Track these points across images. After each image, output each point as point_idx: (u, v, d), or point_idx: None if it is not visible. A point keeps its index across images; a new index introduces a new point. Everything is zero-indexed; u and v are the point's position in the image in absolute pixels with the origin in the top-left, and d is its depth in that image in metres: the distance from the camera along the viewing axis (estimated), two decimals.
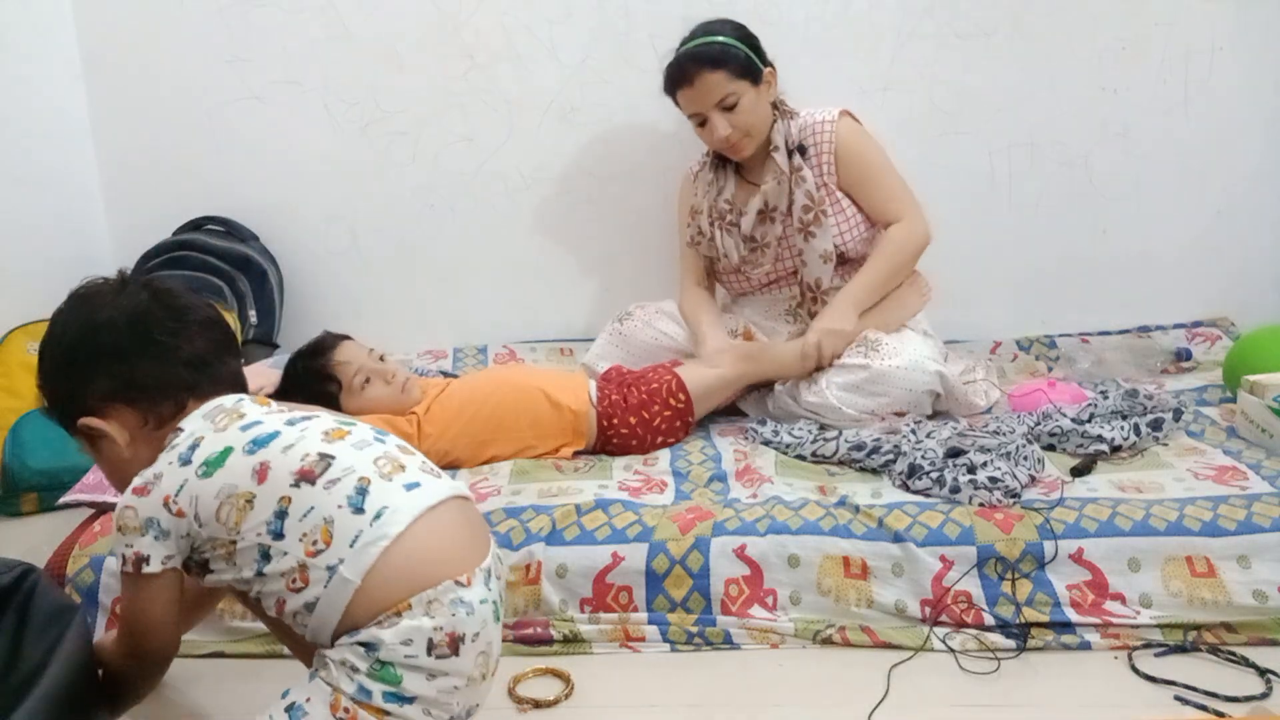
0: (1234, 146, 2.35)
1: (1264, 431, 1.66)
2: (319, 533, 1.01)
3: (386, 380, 1.81)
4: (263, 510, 1.02)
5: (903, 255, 1.98)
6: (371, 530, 1.01)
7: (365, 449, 1.08)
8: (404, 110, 2.40)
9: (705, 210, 2.07)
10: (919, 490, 1.56)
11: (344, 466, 1.05)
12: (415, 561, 1.01)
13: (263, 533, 1.02)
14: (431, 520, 1.04)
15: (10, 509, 1.96)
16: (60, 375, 1.13)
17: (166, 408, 1.12)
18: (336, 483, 1.04)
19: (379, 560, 1.00)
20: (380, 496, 1.04)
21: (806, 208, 1.97)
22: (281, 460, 1.05)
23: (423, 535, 1.03)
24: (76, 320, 1.14)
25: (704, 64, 1.90)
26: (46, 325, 1.17)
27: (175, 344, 1.12)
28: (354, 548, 1.00)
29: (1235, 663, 1.28)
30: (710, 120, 1.93)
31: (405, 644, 0.98)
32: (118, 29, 2.37)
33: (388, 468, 1.07)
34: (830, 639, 1.38)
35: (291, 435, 1.07)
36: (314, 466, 1.04)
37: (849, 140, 1.98)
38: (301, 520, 1.02)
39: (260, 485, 1.03)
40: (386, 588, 1.00)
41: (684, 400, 1.86)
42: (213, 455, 1.05)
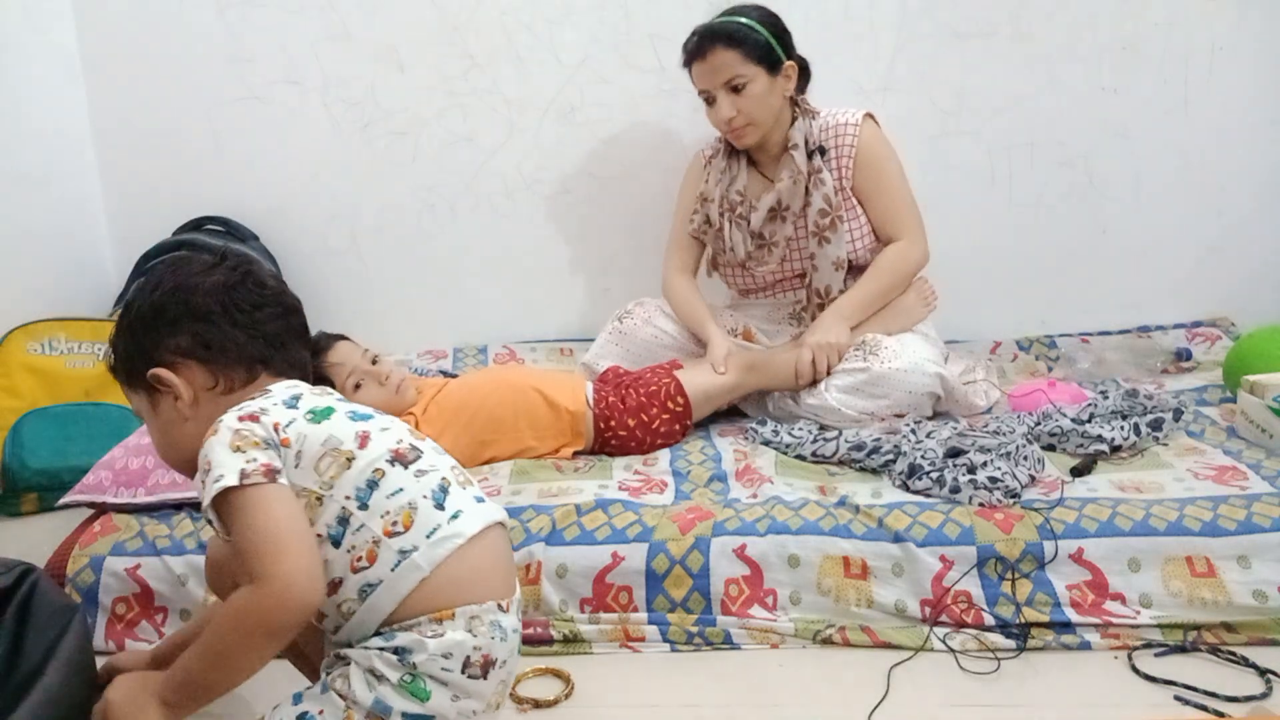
0: (1234, 146, 2.35)
1: (1264, 431, 1.66)
2: (401, 515, 1.02)
3: (380, 382, 1.81)
4: (358, 474, 1.03)
5: (895, 274, 1.97)
6: (448, 527, 1.03)
7: (442, 455, 1.12)
8: (404, 110, 2.40)
9: (716, 199, 2.06)
10: (919, 490, 1.56)
11: (430, 463, 1.07)
12: (472, 572, 1.03)
13: (350, 496, 1.02)
14: (490, 537, 1.06)
15: (10, 509, 1.96)
16: (141, 327, 1.12)
17: (239, 374, 1.11)
18: (425, 474, 1.06)
19: (450, 558, 1.01)
20: (457, 500, 1.06)
21: (823, 212, 1.96)
22: (380, 437, 1.07)
23: (483, 549, 1.04)
24: (170, 281, 1.13)
25: (720, 40, 1.89)
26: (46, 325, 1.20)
27: (259, 318, 1.13)
28: (430, 539, 1.01)
29: (1235, 663, 1.28)
30: (717, 100, 1.93)
31: (445, 656, 0.98)
32: (118, 29, 2.37)
33: (461, 478, 1.10)
34: (830, 639, 1.38)
35: (385, 420, 1.10)
36: (407, 452, 1.07)
37: (870, 145, 1.97)
38: (389, 498, 1.02)
39: (361, 450, 1.04)
40: (442, 590, 1.01)
41: (683, 404, 1.86)
42: (319, 407, 1.07)
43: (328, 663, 1.04)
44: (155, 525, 1.54)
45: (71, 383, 2.08)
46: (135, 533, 1.52)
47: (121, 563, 1.47)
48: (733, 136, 1.98)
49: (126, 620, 1.45)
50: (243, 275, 1.15)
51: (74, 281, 2.35)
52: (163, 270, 1.16)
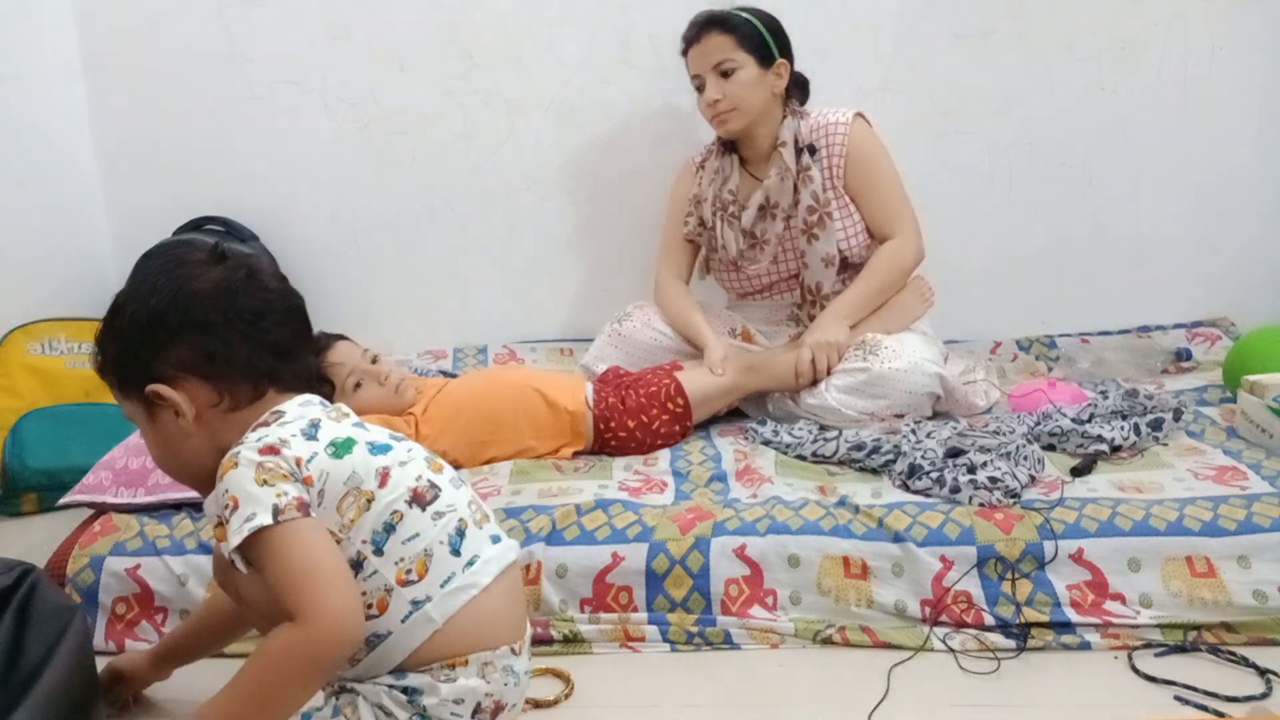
0: (1234, 147, 2.35)
1: (1264, 431, 1.66)
2: (416, 562, 0.99)
3: (379, 382, 1.81)
4: (376, 517, 0.99)
5: (891, 273, 1.98)
6: (463, 576, 1.01)
7: (460, 488, 1.09)
8: (404, 110, 2.40)
9: (709, 199, 2.07)
10: (919, 490, 1.56)
11: (448, 502, 1.04)
12: (487, 618, 1.01)
13: (367, 540, 0.98)
14: (505, 579, 1.05)
15: (10, 509, 1.96)
16: (138, 336, 1.05)
17: (245, 390, 1.04)
18: (442, 516, 1.03)
19: (463, 609, 1.00)
20: (474, 544, 1.04)
21: (811, 209, 1.96)
22: (399, 474, 1.02)
23: (498, 594, 1.03)
24: (169, 285, 1.04)
25: (715, 25, 1.95)
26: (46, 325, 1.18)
27: (264, 326, 1.05)
28: (445, 588, 0.99)
29: (1235, 663, 1.28)
30: (705, 83, 1.95)
31: (457, 703, 0.98)
32: (118, 29, 2.37)
33: (478, 514, 1.07)
34: (830, 639, 1.38)
35: (402, 452, 1.05)
36: (426, 491, 1.03)
37: (861, 144, 1.98)
38: (405, 543, 0.99)
39: (381, 489, 1.00)
40: (456, 638, 0.99)
41: (683, 405, 1.86)
42: (340, 439, 1.01)
43: (332, 690, 1.02)
44: (155, 525, 1.54)
45: (71, 383, 2.08)
46: (135, 533, 1.52)
47: (121, 563, 1.47)
48: (717, 122, 1.99)
49: (126, 620, 1.45)
50: (245, 277, 1.06)
51: (74, 281, 2.35)
52: (157, 269, 1.07)
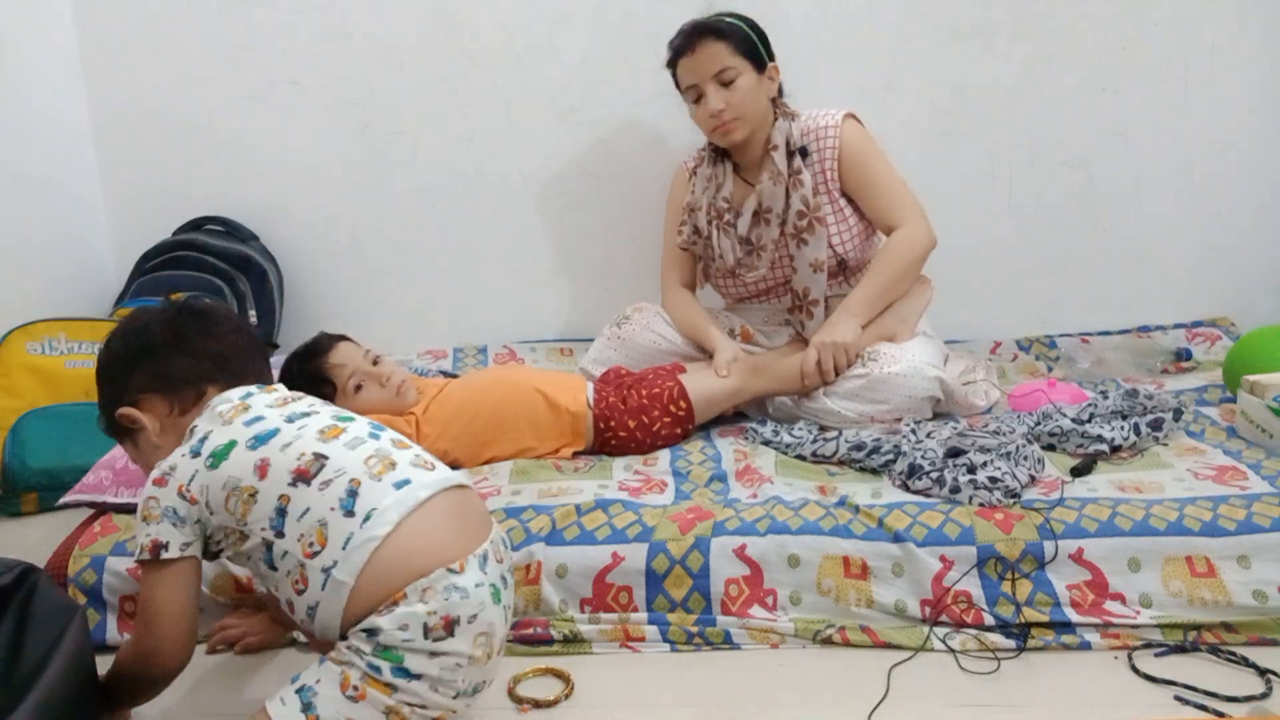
0: (1234, 146, 2.35)
1: (1264, 431, 1.66)
2: (314, 534, 1.08)
3: (380, 383, 1.80)
4: (265, 506, 1.10)
5: (905, 261, 1.93)
6: (361, 532, 1.07)
7: (358, 448, 1.15)
8: (404, 110, 2.40)
9: (704, 207, 2.06)
10: (919, 490, 1.56)
11: (336, 468, 1.11)
12: (406, 555, 1.07)
13: (266, 528, 1.10)
14: (420, 516, 1.10)
15: (10, 509, 1.96)
16: (105, 378, 1.26)
17: (189, 394, 1.23)
18: (329, 484, 1.10)
19: (370, 560, 1.06)
20: (369, 498, 1.10)
21: (801, 213, 1.95)
22: (280, 458, 1.12)
23: (410, 531, 1.09)
24: (121, 331, 1.28)
25: (708, 33, 1.91)
26: (46, 325, 1.28)
27: (201, 341, 1.25)
28: (345, 550, 1.07)
29: (1235, 663, 1.28)
30: (706, 93, 1.92)
31: (402, 629, 1.04)
32: (118, 29, 2.37)
33: (378, 467, 1.13)
34: (830, 639, 1.38)
35: (290, 433, 1.15)
36: (309, 466, 1.11)
37: (852, 143, 1.96)
38: (299, 520, 1.09)
39: (261, 481, 1.11)
40: (380, 583, 1.06)
41: (685, 408, 1.85)
42: (218, 448, 1.13)
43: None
44: None
45: (71, 383, 2.08)
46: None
47: (123, 563, 1.46)
48: (720, 133, 1.96)
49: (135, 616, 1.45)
50: (183, 308, 1.29)
51: (74, 281, 2.35)
52: (116, 327, 1.30)
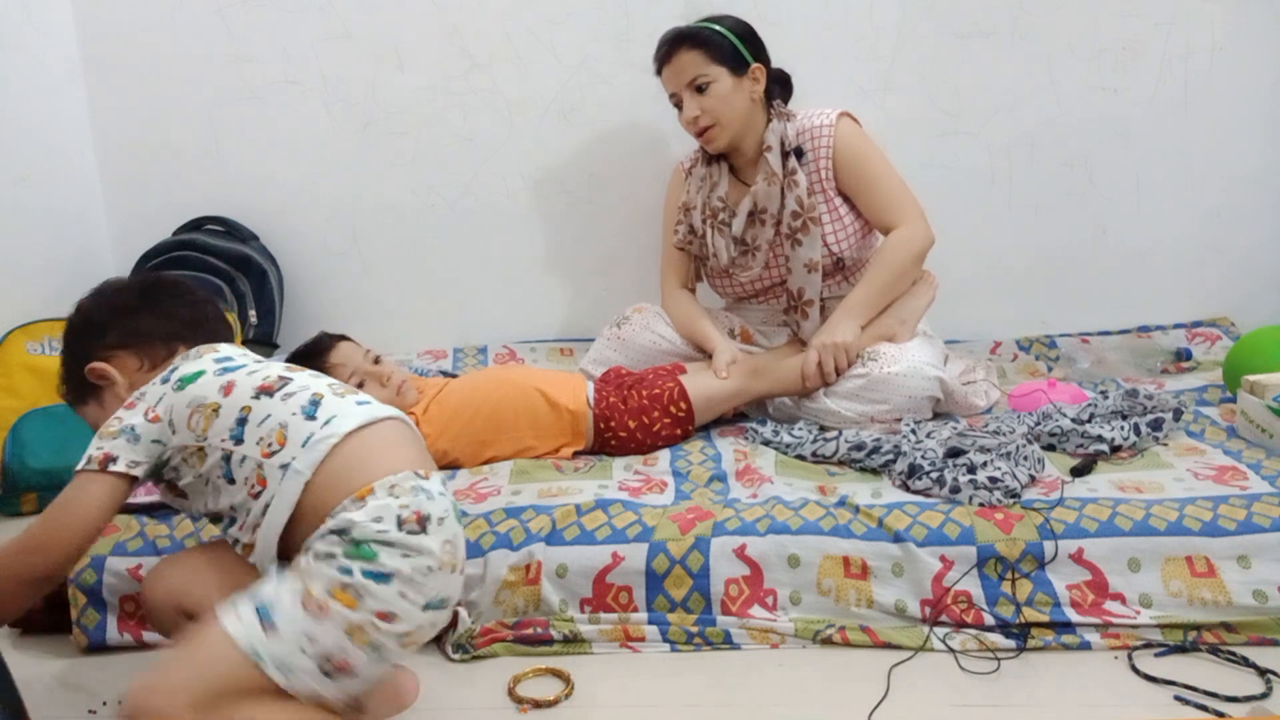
0: (1234, 146, 2.35)
1: (1264, 431, 1.66)
2: (274, 436, 1.12)
3: (381, 383, 1.81)
4: (226, 418, 1.14)
5: (903, 261, 1.93)
6: (322, 431, 1.11)
7: (320, 378, 1.22)
8: (404, 110, 2.40)
9: (699, 206, 2.06)
10: (919, 490, 1.56)
11: (300, 384, 1.18)
12: (368, 453, 1.12)
13: (225, 438, 1.13)
14: (382, 429, 1.16)
15: (10, 509, 1.96)
16: (74, 339, 1.28)
17: (159, 350, 1.27)
18: (293, 396, 1.15)
19: (330, 455, 1.10)
20: (332, 407, 1.15)
21: (795, 214, 1.95)
22: (246, 379, 1.17)
23: (373, 438, 1.14)
24: (95, 293, 1.31)
25: (684, 42, 1.93)
26: (46, 325, 1.29)
27: (174, 306, 1.30)
28: (305, 446, 1.11)
29: (1235, 663, 1.28)
30: (685, 101, 1.94)
31: (376, 520, 1.05)
32: (118, 29, 2.37)
33: (340, 390, 1.19)
34: (830, 639, 1.38)
35: (256, 366, 1.21)
36: (273, 383, 1.17)
37: (848, 142, 1.96)
38: (259, 426, 1.13)
39: (225, 398, 1.15)
40: (339, 478, 1.09)
41: (685, 410, 1.85)
42: (187, 374, 1.18)
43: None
44: (156, 525, 1.54)
45: None
46: (135, 533, 1.52)
47: (123, 563, 1.46)
48: (702, 140, 1.98)
49: (137, 616, 1.45)
50: (156, 278, 1.35)
51: (74, 281, 2.31)
52: (87, 296, 1.32)
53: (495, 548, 1.45)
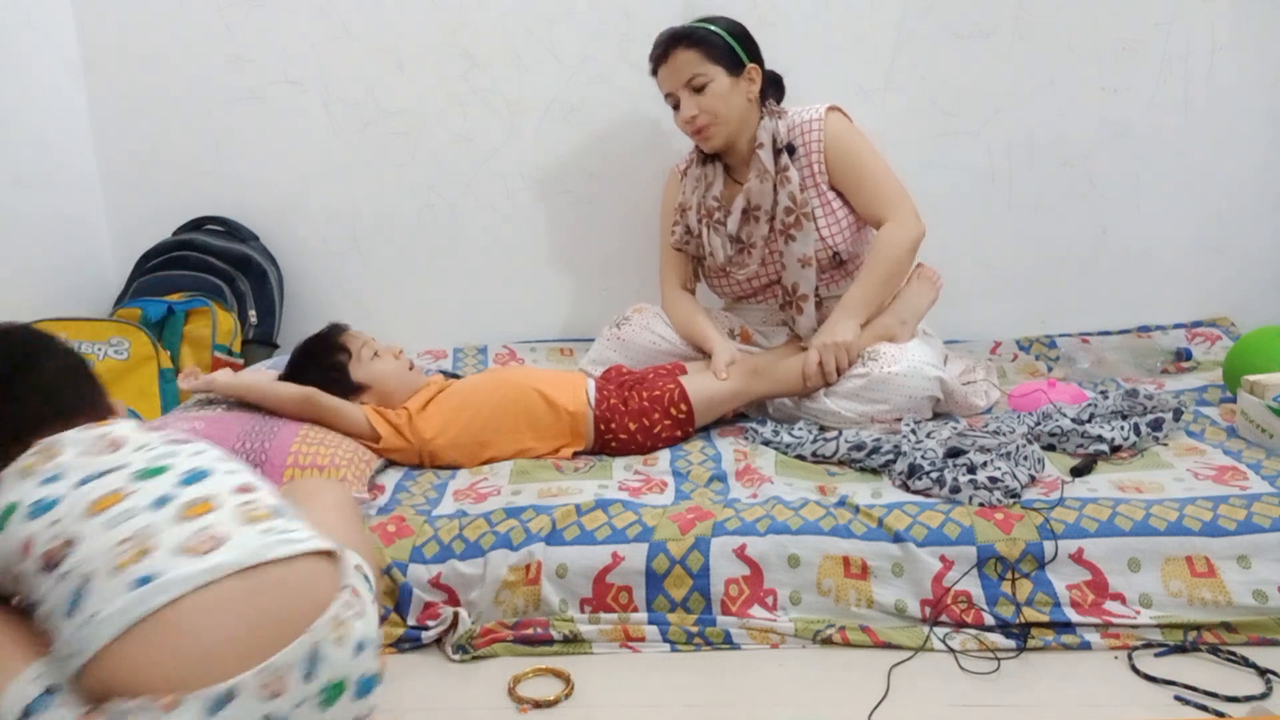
0: (1234, 146, 2.35)
1: (1264, 431, 1.66)
2: (48, 628, 0.97)
3: (395, 356, 1.87)
4: (22, 587, 1.00)
5: (897, 255, 1.92)
6: (77, 636, 0.93)
7: (120, 525, 0.98)
8: (404, 110, 2.40)
9: (694, 207, 2.06)
10: (919, 490, 1.56)
11: (80, 556, 0.96)
12: (112, 673, 0.91)
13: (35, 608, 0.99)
14: (150, 629, 0.91)
15: None
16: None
17: (14, 448, 1.08)
18: (66, 577, 0.95)
19: (81, 675, 0.92)
20: (97, 599, 0.93)
21: (789, 210, 1.95)
22: (41, 537, 0.99)
23: (134, 643, 0.91)
24: None
25: (680, 42, 1.93)
26: (46, 325, 1.19)
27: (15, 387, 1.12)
28: (62, 659, 0.94)
29: (1235, 663, 1.28)
30: (680, 100, 1.94)
31: None
32: (118, 29, 2.37)
33: (126, 554, 0.95)
34: (830, 639, 1.38)
35: (63, 508, 1.01)
36: (58, 551, 0.97)
37: (837, 136, 1.96)
38: (39, 610, 0.98)
39: (21, 564, 0.99)
40: (90, 697, 0.92)
41: (686, 411, 1.85)
42: (4, 509, 1.02)
43: None
44: None
45: None
46: None
47: None
48: (699, 138, 1.99)
49: None
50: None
51: (74, 281, 2.35)
52: None
53: (495, 548, 1.45)
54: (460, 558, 1.45)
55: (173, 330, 2.18)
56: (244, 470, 1.11)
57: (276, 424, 1.71)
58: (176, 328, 2.19)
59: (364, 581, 1.07)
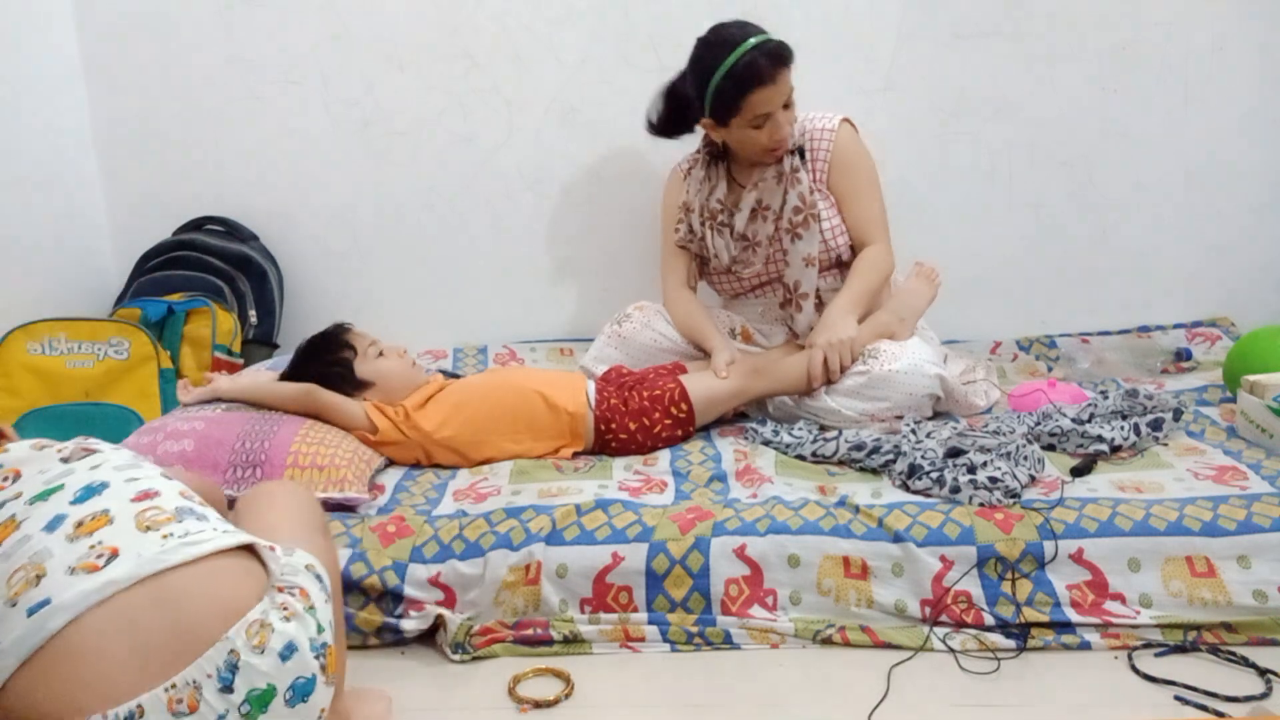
0: (1234, 146, 2.35)
1: (1264, 431, 1.66)
2: None
3: (399, 354, 1.88)
4: None
5: (879, 277, 1.98)
6: None
7: (13, 556, 0.93)
8: (404, 110, 2.40)
9: (697, 209, 2.06)
10: (919, 490, 1.56)
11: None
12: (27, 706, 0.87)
13: None
14: (50, 655, 0.87)
15: None
16: None
17: None
18: None
19: None
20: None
21: (797, 209, 1.96)
22: None
23: (34, 677, 0.87)
24: None
25: (784, 61, 1.86)
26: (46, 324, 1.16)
27: None
28: None
29: (1235, 663, 1.28)
30: (776, 119, 1.88)
31: None
32: (118, 29, 2.37)
33: (20, 583, 0.91)
34: (830, 639, 1.38)
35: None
36: None
37: (845, 148, 1.98)
38: None
39: None
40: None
41: (686, 410, 1.85)
42: None
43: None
44: None
45: (71, 383, 2.08)
46: None
47: None
48: (777, 153, 1.95)
49: None
50: None
51: (74, 281, 2.35)
52: None
53: (495, 548, 1.45)
54: (460, 558, 1.45)
55: (173, 330, 2.19)
56: (150, 475, 1.05)
57: (276, 424, 1.71)
58: (176, 328, 2.19)
59: (314, 580, 1.01)
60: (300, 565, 1.02)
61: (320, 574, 1.03)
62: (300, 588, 0.98)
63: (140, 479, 1.04)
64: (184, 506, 1.01)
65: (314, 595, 0.99)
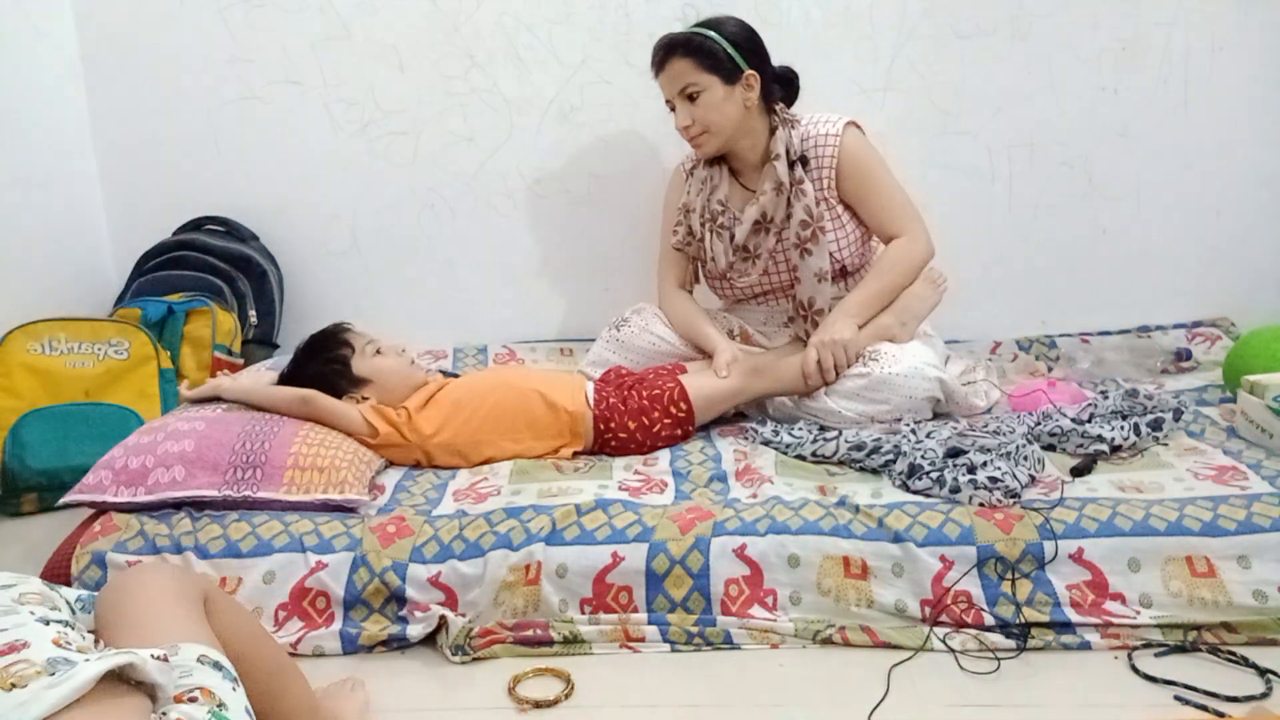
0: (1234, 146, 2.35)
1: (1264, 431, 1.66)
2: None
3: (397, 353, 1.89)
4: None
5: (899, 270, 1.95)
6: None
7: None
8: (404, 110, 2.40)
9: (698, 209, 2.06)
10: (919, 490, 1.56)
11: None
12: None
13: None
14: None
15: (10, 509, 1.96)
16: None
17: None
18: None
19: None
20: None
21: (804, 223, 1.94)
22: None
23: None
24: None
25: (676, 50, 1.91)
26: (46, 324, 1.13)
27: None
28: None
29: (1235, 663, 1.28)
30: (677, 108, 1.94)
31: None
32: (118, 29, 2.37)
33: None
34: (830, 639, 1.38)
35: None
36: None
37: (852, 153, 1.95)
38: None
39: None
40: None
41: (685, 410, 1.85)
42: None
43: None
44: (155, 524, 1.54)
45: (71, 383, 2.08)
46: (136, 532, 1.52)
47: (123, 559, 1.47)
48: (693, 145, 1.98)
49: None
50: None
51: (74, 281, 2.35)
52: None
53: (495, 548, 1.45)
54: (460, 558, 1.45)
55: (173, 330, 2.19)
56: (20, 624, 0.90)
57: (277, 424, 1.71)
58: (176, 328, 2.19)
59: (212, 671, 0.91)
60: (191, 661, 0.91)
61: (217, 659, 0.93)
62: (201, 688, 0.88)
63: (6, 630, 0.89)
64: (57, 657, 0.85)
65: (218, 689, 0.89)
